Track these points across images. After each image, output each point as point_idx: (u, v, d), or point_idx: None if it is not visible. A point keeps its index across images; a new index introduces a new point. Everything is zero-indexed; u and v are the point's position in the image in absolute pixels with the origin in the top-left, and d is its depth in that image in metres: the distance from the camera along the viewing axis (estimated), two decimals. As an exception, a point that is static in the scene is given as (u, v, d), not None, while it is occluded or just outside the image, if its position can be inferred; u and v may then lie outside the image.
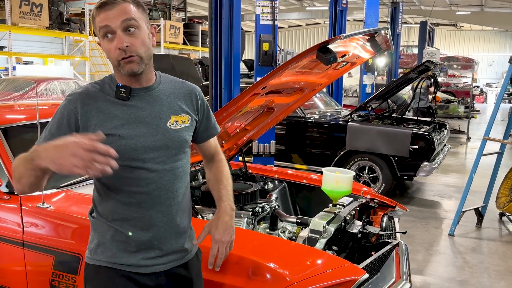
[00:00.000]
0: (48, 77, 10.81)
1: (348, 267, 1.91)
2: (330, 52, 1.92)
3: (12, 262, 2.28)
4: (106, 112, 1.48)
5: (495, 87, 28.29)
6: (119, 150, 1.39)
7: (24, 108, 3.35)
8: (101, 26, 1.44)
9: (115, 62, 1.46)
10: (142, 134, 1.50)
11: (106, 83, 1.55)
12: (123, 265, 1.54)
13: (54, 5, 15.73)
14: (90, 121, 1.47)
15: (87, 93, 1.51)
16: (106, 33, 1.44)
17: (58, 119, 1.49)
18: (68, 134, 1.34)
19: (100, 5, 1.44)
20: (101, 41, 1.48)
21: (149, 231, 1.54)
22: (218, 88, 5.25)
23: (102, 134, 1.27)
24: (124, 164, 1.45)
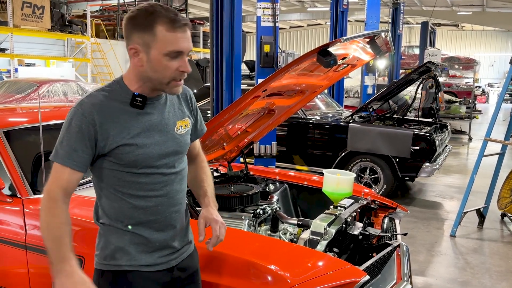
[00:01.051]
0: (50, 79, 10.84)
1: (349, 269, 1.91)
2: (330, 55, 1.93)
3: (15, 264, 2.30)
4: (122, 121, 1.49)
5: (497, 87, 28.23)
6: (136, 160, 1.51)
7: (26, 110, 3.37)
8: (175, 48, 1.43)
9: (167, 80, 1.47)
10: (156, 142, 1.54)
11: (115, 90, 1.53)
12: (142, 266, 1.58)
13: (55, 7, 15.77)
14: (108, 132, 1.48)
15: (101, 103, 1.49)
16: (174, 53, 1.43)
17: (76, 132, 1.46)
18: (89, 147, 1.46)
19: (174, 24, 1.42)
20: (154, 54, 1.43)
21: (165, 231, 1.61)
22: (219, 90, 5.26)
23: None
24: (140, 172, 1.53)
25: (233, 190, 2.65)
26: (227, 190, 2.63)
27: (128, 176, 1.52)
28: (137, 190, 1.54)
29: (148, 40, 1.43)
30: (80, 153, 1.46)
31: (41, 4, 14.08)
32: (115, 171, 1.52)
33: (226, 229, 1.75)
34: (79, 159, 1.47)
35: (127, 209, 1.55)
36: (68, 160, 1.46)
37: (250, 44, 24.50)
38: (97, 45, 16.93)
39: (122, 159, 1.50)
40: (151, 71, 1.46)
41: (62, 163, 1.47)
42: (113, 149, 1.48)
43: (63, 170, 1.47)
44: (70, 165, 1.47)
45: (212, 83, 5.31)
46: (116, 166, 1.51)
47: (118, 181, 1.53)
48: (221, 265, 1.93)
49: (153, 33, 1.42)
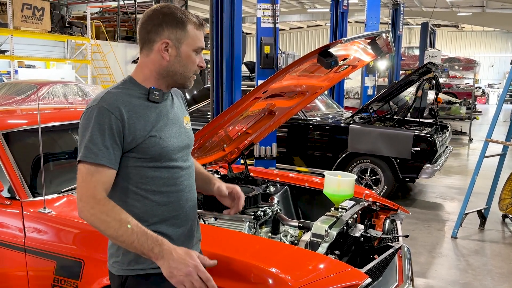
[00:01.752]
0: (50, 81, 10.84)
1: (351, 272, 1.90)
2: (331, 56, 1.92)
3: (14, 267, 2.28)
4: (145, 115, 1.51)
5: (497, 88, 28.24)
6: (161, 152, 1.53)
7: (26, 112, 3.36)
8: (200, 44, 1.57)
9: (191, 73, 1.58)
10: (174, 135, 1.59)
11: (129, 88, 1.55)
12: None
13: (56, 9, 15.79)
14: (135, 126, 1.48)
15: (123, 99, 1.49)
16: (199, 49, 1.57)
17: (106, 129, 1.44)
18: (119, 144, 1.46)
19: (200, 23, 1.57)
20: (185, 49, 1.53)
21: (185, 226, 1.64)
22: (219, 91, 5.25)
23: (215, 262, 1.43)
24: (163, 166, 1.55)
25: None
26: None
27: (152, 171, 1.53)
28: (160, 186, 1.55)
29: (180, 36, 1.52)
30: (111, 150, 1.46)
31: (41, 5, 14.10)
32: (139, 167, 1.52)
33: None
34: (113, 157, 1.46)
35: (150, 207, 1.55)
36: (103, 159, 1.44)
37: (250, 45, 24.50)
38: (97, 46, 16.94)
39: (148, 153, 1.51)
40: (179, 65, 1.55)
41: (99, 162, 1.44)
42: (140, 143, 1.49)
43: (100, 170, 1.44)
44: (107, 163, 1.45)
45: (212, 84, 5.30)
46: (140, 162, 1.51)
47: (141, 178, 1.53)
48: (221, 268, 1.91)
49: (185, 30, 1.52)
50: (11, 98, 9.54)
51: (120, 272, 1.58)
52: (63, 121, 2.94)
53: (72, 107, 4.38)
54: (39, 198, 2.33)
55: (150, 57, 1.54)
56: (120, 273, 1.58)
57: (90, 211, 1.42)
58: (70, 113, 3.41)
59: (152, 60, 1.54)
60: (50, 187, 2.41)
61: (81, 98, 10.74)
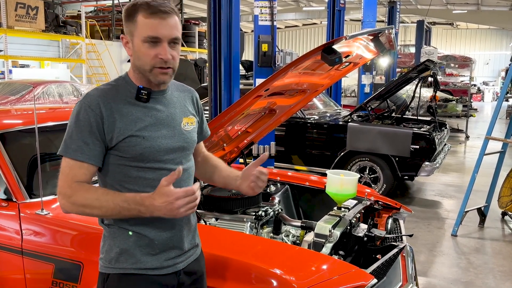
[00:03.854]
0: (45, 80, 10.76)
1: (356, 272, 1.86)
2: (335, 52, 1.88)
3: (11, 270, 2.24)
4: (129, 114, 1.48)
5: (492, 85, 28.33)
6: (143, 153, 1.49)
7: (21, 112, 3.30)
8: (150, 33, 1.44)
9: (148, 67, 1.48)
10: (163, 136, 1.53)
11: (120, 85, 1.53)
12: (148, 269, 1.54)
13: (50, 8, 15.67)
14: (114, 124, 1.46)
15: (106, 96, 1.48)
16: (151, 39, 1.45)
17: (85, 125, 1.44)
18: (100, 140, 1.44)
19: (152, 10, 1.44)
20: (136, 42, 1.46)
21: (171, 231, 1.57)
22: (218, 90, 5.21)
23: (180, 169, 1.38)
24: (147, 166, 1.50)
25: (234, 192, 2.60)
26: (228, 192, 2.58)
27: (135, 171, 1.50)
28: (144, 187, 1.50)
29: (132, 28, 1.47)
30: (91, 146, 1.44)
31: (35, 4, 13.99)
32: (121, 166, 1.49)
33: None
34: (92, 152, 1.45)
35: None
36: (81, 154, 1.44)
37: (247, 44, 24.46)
38: (92, 46, 16.84)
39: (129, 152, 1.47)
40: (136, 59, 1.50)
41: (74, 157, 1.44)
42: (120, 141, 1.46)
43: (77, 165, 1.44)
44: (84, 159, 1.44)
45: (210, 83, 5.25)
46: (123, 161, 1.49)
47: (124, 177, 1.50)
48: (223, 270, 1.88)
49: (134, 21, 1.46)
50: (5, 98, 9.45)
51: (103, 269, 1.57)
52: (59, 121, 2.89)
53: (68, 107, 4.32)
54: (36, 199, 2.28)
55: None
56: (103, 270, 1.57)
57: (69, 199, 1.44)
58: (65, 113, 3.36)
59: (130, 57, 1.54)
60: (47, 188, 2.37)
61: (76, 98, 10.66)
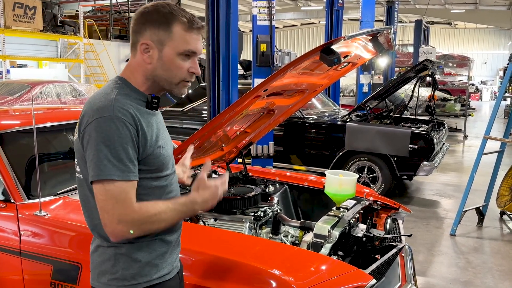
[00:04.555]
0: (43, 80, 10.75)
1: (355, 273, 1.86)
2: (334, 53, 1.88)
3: (10, 271, 2.23)
4: (150, 124, 1.43)
5: (490, 84, 28.38)
6: (164, 162, 1.48)
7: (19, 113, 3.29)
8: (190, 47, 1.42)
9: (177, 80, 1.44)
10: (168, 142, 1.55)
11: (129, 94, 1.43)
12: (165, 275, 1.52)
13: (47, 8, 15.65)
14: (146, 136, 1.39)
15: (130, 106, 1.38)
16: (188, 53, 1.42)
17: (128, 142, 1.34)
18: (136, 154, 1.37)
19: (195, 25, 1.42)
20: (168, 52, 1.40)
21: (178, 231, 1.60)
22: (216, 90, 5.20)
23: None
24: (163, 175, 1.49)
25: (233, 192, 2.60)
26: (227, 192, 2.57)
27: (152, 181, 1.45)
28: (160, 195, 1.48)
29: (164, 37, 1.39)
30: (135, 162, 1.37)
31: (33, 4, 13.97)
32: (142, 179, 1.41)
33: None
34: (136, 169, 1.38)
35: None
36: (130, 174, 1.35)
37: (245, 43, 24.46)
38: (90, 45, 16.82)
39: (154, 164, 1.43)
40: (162, 69, 1.42)
41: (126, 179, 1.33)
42: (150, 154, 1.41)
43: (132, 185, 1.36)
44: (135, 177, 1.37)
45: (208, 83, 5.25)
46: (143, 174, 1.41)
47: (143, 190, 1.42)
48: (222, 271, 1.88)
49: (169, 31, 1.39)
50: (3, 98, 9.44)
51: (92, 284, 1.49)
52: (57, 121, 2.88)
53: (66, 107, 4.31)
54: (34, 200, 2.28)
55: (136, 59, 1.44)
56: (93, 284, 1.49)
57: (139, 226, 1.36)
58: (64, 113, 3.35)
59: (138, 63, 1.44)
60: (45, 189, 2.36)
61: (74, 98, 10.64)
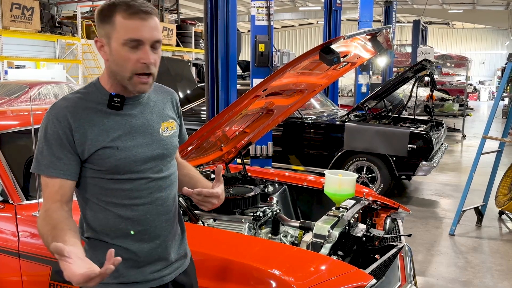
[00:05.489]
0: (41, 81, 10.72)
1: (355, 273, 1.86)
2: (333, 52, 1.87)
3: (8, 272, 2.22)
4: (100, 124, 1.38)
5: (488, 84, 28.42)
6: (118, 164, 1.39)
7: (17, 113, 3.28)
8: (132, 35, 1.33)
9: (127, 73, 1.36)
10: (139, 145, 1.43)
11: (91, 92, 1.43)
12: (131, 283, 1.46)
13: (45, 8, 15.61)
14: (85, 136, 1.37)
15: (75, 105, 1.37)
16: (132, 42, 1.33)
17: (55, 139, 1.35)
18: (73, 153, 1.35)
19: (133, 10, 1.33)
20: (114, 45, 1.34)
21: (155, 242, 1.49)
22: (215, 90, 5.19)
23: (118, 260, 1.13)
24: (124, 178, 1.41)
25: (232, 193, 2.59)
26: (226, 192, 2.56)
27: (111, 183, 1.41)
28: (122, 199, 1.42)
29: (109, 30, 1.35)
30: (65, 161, 1.36)
31: (31, 5, 13.93)
32: (97, 178, 1.41)
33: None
34: (65, 167, 1.36)
35: (112, 220, 1.43)
36: (54, 170, 1.35)
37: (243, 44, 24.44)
38: (88, 46, 16.78)
39: (103, 165, 1.39)
40: (114, 64, 1.37)
41: (47, 174, 1.36)
42: (92, 154, 1.37)
43: (53, 182, 1.36)
44: (57, 174, 1.36)
45: (207, 83, 5.24)
46: (98, 174, 1.40)
47: (100, 190, 1.41)
48: (222, 271, 1.88)
49: (112, 22, 1.34)
50: (1, 99, 9.41)
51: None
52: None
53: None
54: (32, 201, 2.27)
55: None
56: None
57: (38, 222, 1.34)
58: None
59: (104, 62, 1.42)
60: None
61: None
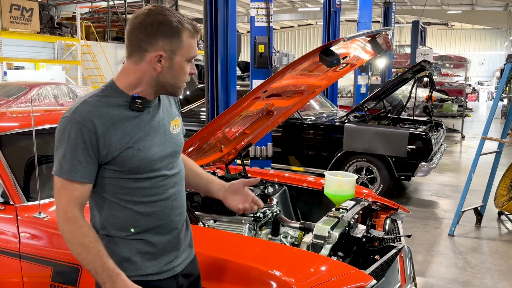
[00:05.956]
0: (40, 82, 10.73)
1: (355, 274, 1.86)
2: (333, 54, 1.88)
3: (9, 274, 2.22)
4: (123, 127, 1.44)
5: (487, 85, 28.46)
6: (139, 165, 1.47)
7: (16, 115, 3.29)
8: (194, 53, 1.49)
9: (182, 83, 1.50)
10: (156, 144, 1.52)
11: (110, 95, 1.47)
12: (149, 275, 1.54)
13: (45, 10, 15.63)
14: (110, 139, 1.42)
15: (99, 110, 1.42)
16: (192, 58, 1.49)
17: (78, 143, 1.39)
18: (93, 157, 1.41)
19: (195, 31, 1.49)
20: (178, 60, 1.45)
21: (170, 234, 1.59)
22: (215, 91, 5.20)
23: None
24: (143, 177, 1.49)
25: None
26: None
27: (131, 182, 1.48)
28: (141, 196, 1.50)
29: (175, 46, 1.44)
30: (85, 165, 1.41)
31: (30, 6, 13.94)
32: (117, 179, 1.47)
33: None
34: (86, 171, 1.42)
35: (132, 217, 1.50)
36: (75, 174, 1.40)
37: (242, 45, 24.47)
38: (87, 47, 16.80)
39: (126, 166, 1.45)
40: (171, 77, 1.47)
41: (70, 178, 1.40)
42: (116, 156, 1.43)
43: (73, 185, 1.41)
44: (79, 178, 1.41)
45: (207, 84, 5.24)
46: (118, 174, 1.46)
47: (120, 189, 1.48)
48: (222, 272, 1.88)
49: (180, 40, 1.44)
50: (1, 100, 9.42)
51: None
52: (56, 123, 2.86)
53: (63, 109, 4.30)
54: (33, 202, 2.27)
55: (140, 65, 1.45)
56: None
57: (60, 226, 1.43)
58: (61, 115, 3.34)
59: (141, 70, 1.45)
60: (44, 191, 2.35)
61: (72, 100, 10.63)
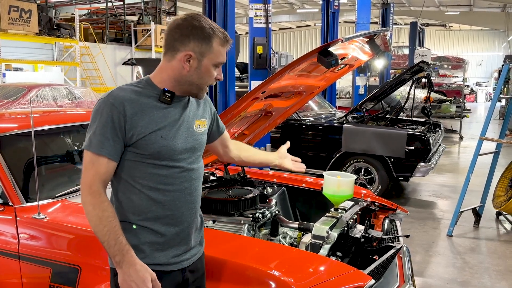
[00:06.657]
0: (39, 84, 10.72)
1: (354, 273, 1.87)
2: (331, 55, 1.89)
3: (8, 275, 2.23)
4: (150, 114, 1.57)
5: (485, 86, 28.53)
6: (160, 151, 1.59)
7: (15, 116, 3.29)
8: (222, 60, 1.63)
9: (206, 85, 1.65)
10: (178, 136, 1.63)
11: (143, 87, 1.62)
12: (156, 264, 1.61)
13: (43, 11, 15.62)
14: (137, 122, 1.55)
15: (130, 96, 1.56)
16: (220, 64, 1.63)
17: (108, 122, 1.52)
18: (120, 137, 1.53)
19: (226, 40, 1.62)
20: (206, 63, 1.59)
21: (179, 227, 1.66)
22: (213, 92, 5.21)
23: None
24: (162, 164, 1.60)
25: (231, 194, 2.60)
26: (225, 194, 2.58)
27: (150, 168, 1.59)
28: (157, 183, 1.60)
29: (204, 50, 1.58)
30: (112, 142, 1.53)
31: (28, 8, 13.94)
32: (138, 162, 1.58)
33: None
34: (113, 148, 1.53)
35: (146, 202, 1.60)
36: (102, 149, 1.52)
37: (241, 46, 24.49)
38: (86, 48, 16.80)
39: (147, 150, 1.56)
40: (197, 77, 1.61)
41: (97, 152, 1.52)
42: (140, 138, 1.55)
43: (99, 160, 1.53)
44: (106, 153, 1.53)
45: (205, 85, 5.25)
46: (139, 157, 1.57)
47: (139, 173, 1.59)
48: (221, 272, 1.89)
49: (210, 45, 1.58)
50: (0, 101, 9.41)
51: (112, 264, 1.62)
52: (54, 124, 2.88)
53: (62, 110, 4.31)
54: (32, 203, 2.27)
55: (172, 63, 1.60)
56: (112, 265, 1.62)
57: (84, 199, 1.54)
58: (61, 116, 3.34)
59: (172, 67, 1.60)
60: (43, 192, 2.36)
61: (71, 101, 10.62)
